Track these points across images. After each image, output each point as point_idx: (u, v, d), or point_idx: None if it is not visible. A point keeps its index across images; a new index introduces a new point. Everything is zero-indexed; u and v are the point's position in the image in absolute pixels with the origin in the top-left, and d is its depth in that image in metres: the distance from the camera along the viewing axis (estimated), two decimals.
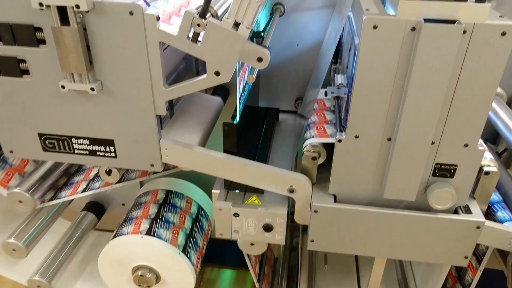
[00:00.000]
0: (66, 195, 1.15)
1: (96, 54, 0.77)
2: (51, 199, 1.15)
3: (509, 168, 1.16)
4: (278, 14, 1.11)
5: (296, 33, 1.16)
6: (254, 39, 0.87)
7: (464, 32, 0.66)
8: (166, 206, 1.19)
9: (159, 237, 1.08)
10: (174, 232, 1.12)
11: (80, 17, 0.73)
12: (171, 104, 0.97)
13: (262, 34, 0.90)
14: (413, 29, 0.67)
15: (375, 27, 0.68)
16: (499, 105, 1.06)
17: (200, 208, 1.26)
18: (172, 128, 0.93)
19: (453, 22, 0.65)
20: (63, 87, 0.79)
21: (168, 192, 1.25)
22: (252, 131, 1.11)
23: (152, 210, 1.17)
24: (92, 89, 0.78)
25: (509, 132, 0.99)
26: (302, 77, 1.22)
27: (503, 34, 0.66)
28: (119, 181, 1.06)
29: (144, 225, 1.11)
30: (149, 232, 1.09)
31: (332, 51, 0.91)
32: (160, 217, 1.14)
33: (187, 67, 1.12)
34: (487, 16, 0.66)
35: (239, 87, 0.86)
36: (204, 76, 0.77)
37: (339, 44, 1.12)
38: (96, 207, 1.49)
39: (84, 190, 1.13)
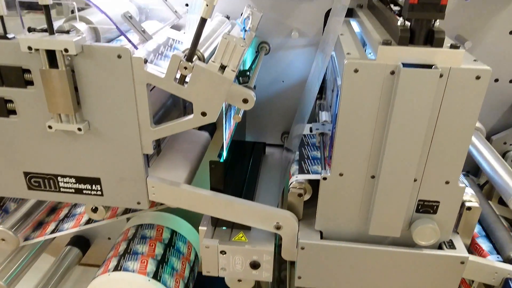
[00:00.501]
0: (51, 231, 1.13)
1: (84, 95, 0.78)
2: (36, 237, 1.13)
3: (490, 200, 1.18)
4: (263, 52, 1.14)
5: (281, 70, 1.19)
6: (240, 77, 0.89)
7: (441, 76, 0.68)
8: (135, 239, 1.19)
9: (126, 270, 1.07)
10: (143, 261, 1.10)
11: (68, 59, 0.74)
12: (158, 141, 0.98)
13: (248, 73, 0.92)
14: (392, 72, 0.70)
15: (356, 70, 0.71)
16: (479, 139, 1.10)
17: (173, 232, 1.25)
18: (159, 166, 0.93)
19: (430, 66, 0.68)
20: (50, 127, 0.79)
21: (138, 227, 1.24)
22: (239, 166, 1.12)
23: (122, 247, 1.17)
24: (79, 129, 0.79)
25: (488, 166, 1.02)
26: (288, 111, 1.25)
27: (478, 78, 0.69)
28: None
29: (113, 263, 1.10)
30: (116, 267, 1.08)
31: (316, 89, 0.93)
32: (129, 251, 1.14)
33: (174, 102, 1.14)
34: (462, 60, 0.69)
35: (226, 127, 0.88)
36: (191, 116, 0.79)
37: (324, 81, 1.15)
38: (81, 242, 1.46)
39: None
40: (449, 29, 1.08)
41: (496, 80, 1.14)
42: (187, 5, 1.15)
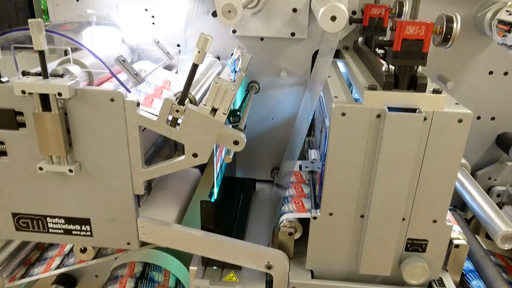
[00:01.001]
0: (38, 272, 1.11)
1: (76, 136, 0.78)
2: (21, 277, 1.10)
3: (478, 234, 1.20)
4: (253, 91, 1.16)
5: (271, 108, 1.22)
6: (231, 117, 0.91)
7: (425, 119, 0.71)
8: (144, 280, 1.16)
9: None
10: None
11: (61, 102, 0.75)
12: (149, 180, 0.98)
13: (238, 113, 0.94)
14: (379, 116, 0.72)
15: (343, 114, 0.73)
16: (464, 175, 1.12)
17: (178, 282, 1.24)
18: (150, 205, 0.93)
19: (414, 110, 0.71)
20: (41, 168, 0.79)
21: (146, 265, 1.22)
22: (229, 204, 1.12)
23: (129, 285, 1.14)
24: (71, 170, 0.79)
25: (474, 202, 1.04)
26: (277, 148, 1.26)
27: (460, 121, 0.71)
28: (94, 257, 1.04)
29: None
30: None
31: (306, 128, 0.95)
32: None
33: (165, 139, 1.15)
34: (445, 104, 0.72)
35: (216, 167, 0.89)
36: (182, 157, 0.79)
37: (312, 119, 1.18)
38: (68, 280, 1.42)
39: (58, 267, 1.10)
40: (432, 70, 1.13)
41: (478, 118, 1.18)
42: (178, 45, 1.18)
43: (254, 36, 1.12)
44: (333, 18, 0.70)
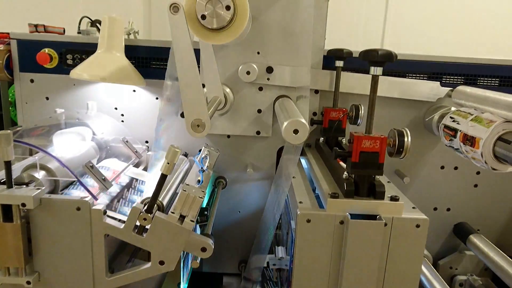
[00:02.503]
0: None
1: (38, 246, 0.76)
2: None
3: None
4: (221, 187, 1.18)
5: (238, 201, 1.23)
6: (198, 217, 0.91)
7: (385, 225, 0.75)
8: None
9: None
10: None
11: (24, 211, 0.74)
12: None
13: (206, 212, 0.95)
14: (342, 222, 0.75)
15: (308, 220, 0.75)
16: (426, 266, 1.15)
17: None
18: None
19: (375, 216, 0.75)
20: None
21: None
22: None
23: None
24: (28, 282, 0.75)
25: None
26: (245, 241, 1.26)
27: (418, 226, 0.75)
28: None
29: None
30: None
31: (273, 224, 0.97)
32: None
33: None
34: (403, 210, 0.76)
35: (183, 271, 0.87)
36: (148, 265, 0.78)
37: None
38: None
39: None
40: (389, 165, 1.20)
41: (435, 209, 1.24)
42: (147, 141, 1.20)
43: (221, 134, 1.17)
44: (296, 132, 0.75)
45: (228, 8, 0.68)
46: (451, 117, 0.96)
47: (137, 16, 2.36)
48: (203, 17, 0.69)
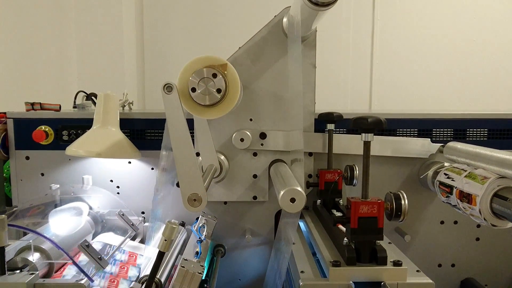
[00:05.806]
0: None
1: None
2: None
3: None
4: (219, 255, 1.16)
5: (237, 269, 1.20)
6: None
7: None
8: None
9: None
10: None
11: None
12: None
13: (206, 285, 0.92)
14: None
15: None
16: None
17: None
18: None
19: (379, 283, 0.73)
20: None
21: None
22: None
23: None
24: None
25: None
26: None
27: None
28: None
29: None
30: None
31: None
32: None
33: None
34: (407, 274, 0.74)
35: None
36: None
37: None
38: None
39: None
40: (388, 222, 1.18)
41: (440, 265, 1.22)
42: (143, 212, 1.19)
43: (218, 201, 1.17)
44: (293, 200, 0.74)
45: (219, 91, 0.70)
46: (445, 174, 0.97)
47: (131, 86, 2.43)
48: (196, 94, 0.71)
